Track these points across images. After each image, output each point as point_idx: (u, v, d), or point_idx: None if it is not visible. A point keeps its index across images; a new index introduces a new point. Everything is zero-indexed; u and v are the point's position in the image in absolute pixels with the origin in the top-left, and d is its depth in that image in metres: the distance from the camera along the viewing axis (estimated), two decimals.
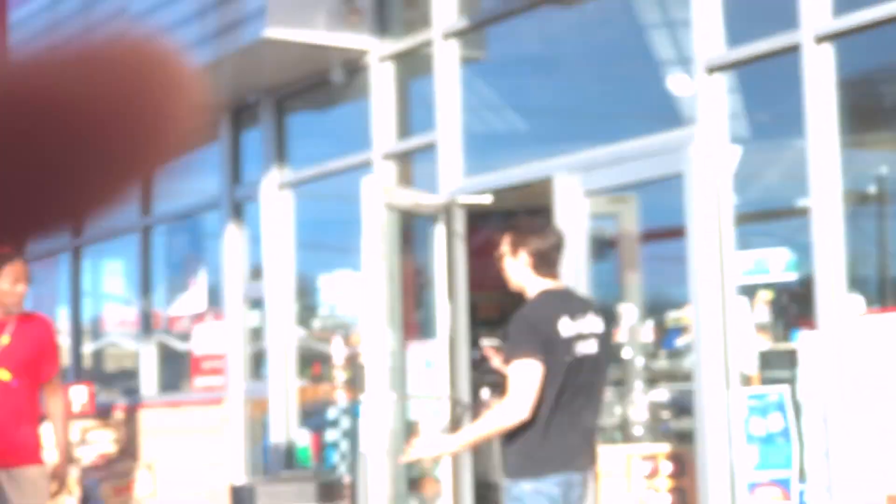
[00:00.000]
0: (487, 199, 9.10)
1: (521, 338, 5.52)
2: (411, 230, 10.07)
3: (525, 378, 5.44)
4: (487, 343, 6.19)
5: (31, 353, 7.20)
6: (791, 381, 7.16)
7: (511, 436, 5.53)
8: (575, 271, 8.29)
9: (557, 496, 5.49)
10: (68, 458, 7.52)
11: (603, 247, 8.83)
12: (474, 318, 10.90)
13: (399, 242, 9.59)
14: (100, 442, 12.39)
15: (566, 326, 5.57)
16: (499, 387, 5.72)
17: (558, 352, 5.52)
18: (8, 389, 7.08)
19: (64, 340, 13.79)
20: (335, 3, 9.84)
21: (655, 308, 9.13)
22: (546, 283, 5.70)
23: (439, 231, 9.16)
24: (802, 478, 7.03)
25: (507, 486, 5.58)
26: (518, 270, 5.71)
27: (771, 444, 7.14)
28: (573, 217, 8.34)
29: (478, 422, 5.78)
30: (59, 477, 7.31)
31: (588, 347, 5.64)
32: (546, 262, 5.69)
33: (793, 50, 7.15)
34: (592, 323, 5.67)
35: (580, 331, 5.61)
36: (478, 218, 9.72)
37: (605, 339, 5.79)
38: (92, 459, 11.90)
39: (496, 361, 6.00)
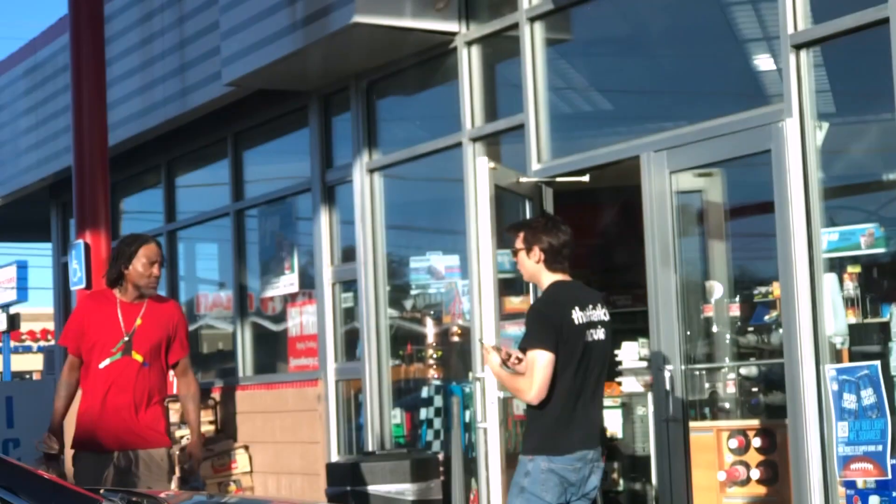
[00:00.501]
0: (585, 178, 9.16)
1: (535, 329, 6.15)
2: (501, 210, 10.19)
3: (539, 367, 6.08)
4: (486, 342, 6.59)
5: (162, 335, 7.27)
6: (882, 355, 7.19)
7: (532, 416, 6.21)
8: (663, 248, 8.36)
9: (569, 474, 6.17)
10: (202, 439, 7.59)
11: (691, 223, 8.88)
12: None
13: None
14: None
15: (578, 315, 6.20)
16: None
17: (572, 339, 6.15)
18: (141, 371, 7.17)
19: None
20: None
21: (744, 283, 9.17)
22: (557, 277, 6.34)
23: (532, 210, 9.24)
24: (895, 452, 7.05)
25: (520, 460, 6.21)
26: (531, 265, 6.37)
27: (863, 418, 7.17)
28: (660, 195, 8.40)
29: (512, 377, 6.29)
30: (195, 457, 7.39)
31: (597, 335, 6.28)
32: (557, 257, 6.34)
33: (879, 24, 7.15)
34: (600, 312, 6.35)
35: (591, 319, 6.25)
36: (564, 197, 9.79)
37: (609, 327, 6.40)
38: (188, 440, 12.13)
39: (493, 358, 6.41)
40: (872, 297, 7.54)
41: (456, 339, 10.51)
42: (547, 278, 6.36)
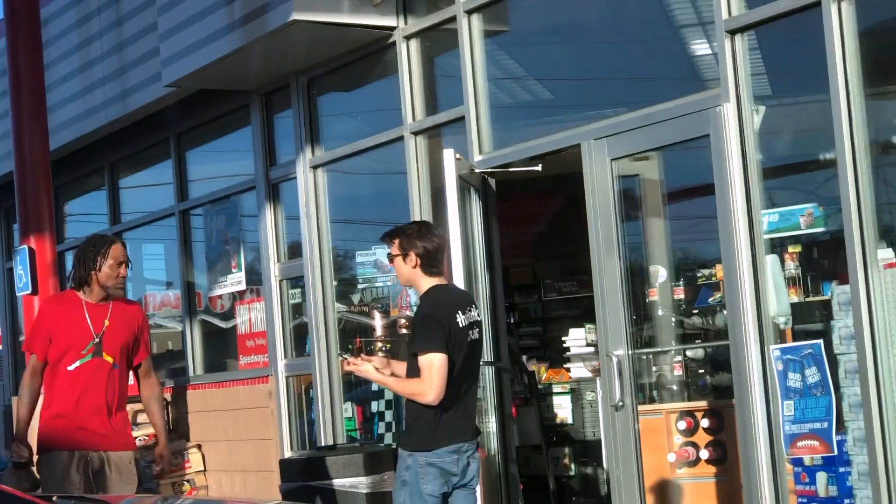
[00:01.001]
0: (538, 167, 9.23)
1: (427, 332, 6.40)
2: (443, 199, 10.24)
3: (437, 369, 6.33)
4: (344, 356, 6.73)
5: (129, 336, 7.25)
6: (825, 333, 7.29)
7: (416, 413, 6.45)
8: (607, 236, 8.44)
9: (449, 465, 6.46)
10: (167, 440, 7.57)
11: (633, 208, 8.96)
12: (507, 284, 11.09)
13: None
14: (149, 423, 12.60)
15: (461, 318, 6.50)
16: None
17: (458, 340, 6.44)
18: (112, 373, 7.14)
19: None
20: None
21: (687, 266, 9.26)
22: (434, 281, 6.59)
23: (479, 199, 9.28)
24: (841, 429, 7.16)
25: (401, 455, 6.50)
26: (408, 270, 6.61)
27: (808, 396, 7.28)
28: (602, 182, 8.48)
29: (403, 382, 6.55)
30: (165, 458, 7.37)
31: (474, 335, 6.59)
32: (432, 261, 6.59)
33: (812, 7, 7.24)
34: (474, 314, 6.65)
35: (471, 320, 6.56)
36: (507, 186, 9.86)
37: (482, 327, 6.73)
38: (142, 440, 12.12)
39: (367, 367, 6.61)
40: (813, 275, 7.65)
41: (404, 331, 10.55)
42: (425, 282, 6.61)
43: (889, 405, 6.89)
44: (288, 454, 11.39)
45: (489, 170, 9.32)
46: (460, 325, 6.51)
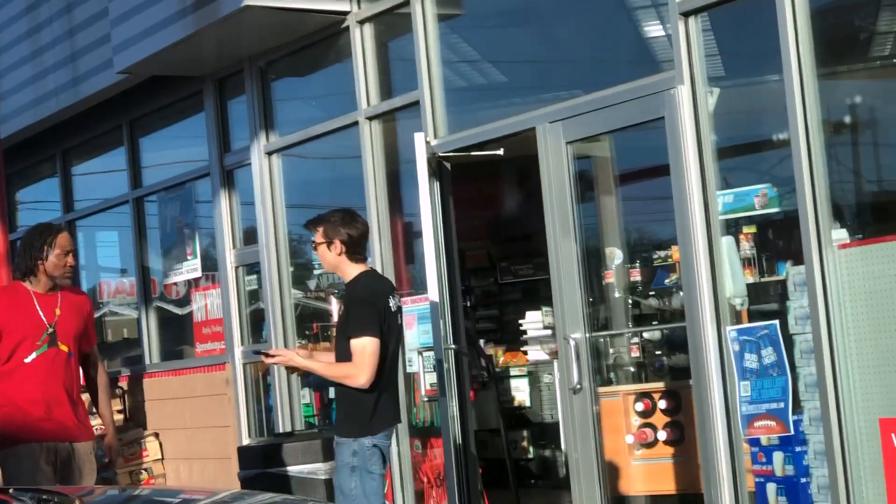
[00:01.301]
0: (500, 151, 9.23)
1: (362, 316, 6.53)
2: (398, 183, 10.23)
3: (370, 353, 6.49)
4: (262, 351, 6.83)
5: (80, 325, 7.16)
6: (780, 313, 7.33)
7: (351, 399, 6.58)
8: (563, 219, 8.45)
9: (386, 448, 6.65)
10: (115, 431, 7.49)
11: (588, 190, 8.97)
12: (463, 267, 11.09)
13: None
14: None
15: (391, 302, 6.69)
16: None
17: (389, 325, 6.61)
18: (68, 361, 7.05)
19: None
20: None
21: (643, 248, 9.28)
22: (360, 267, 6.74)
23: (430, 184, 9.27)
24: (797, 409, 7.20)
25: (343, 442, 6.60)
26: (333, 258, 6.74)
27: (764, 377, 7.31)
28: (557, 165, 8.48)
29: (332, 366, 6.70)
30: (113, 449, 7.30)
31: (400, 320, 6.79)
32: (357, 248, 6.74)
33: None
34: (398, 300, 6.83)
35: (397, 306, 6.75)
36: (458, 169, 9.85)
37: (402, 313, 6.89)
38: (98, 430, 12.06)
39: (295, 356, 6.76)
40: (769, 256, 7.67)
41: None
42: (352, 269, 6.74)
43: (844, 385, 6.93)
44: (246, 441, 11.37)
45: (450, 154, 9.30)
46: (392, 310, 6.69)
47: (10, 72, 13.59)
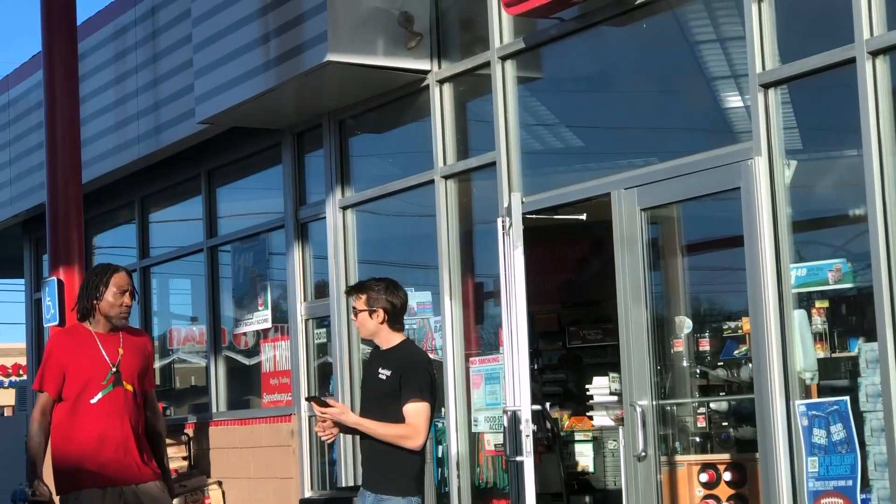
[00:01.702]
0: (583, 216, 9.24)
1: (421, 381, 6.76)
2: (471, 243, 10.26)
3: (425, 417, 6.72)
4: (313, 400, 6.85)
5: (142, 365, 7.12)
6: (851, 389, 7.26)
7: (402, 459, 6.72)
8: (634, 285, 8.44)
9: None
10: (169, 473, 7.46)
11: (660, 258, 8.95)
12: (532, 330, 11.06)
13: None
14: (171, 458, 12.60)
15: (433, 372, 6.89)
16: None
17: (436, 396, 6.90)
18: (133, 401, 7.02)
19: None
20: (394, 27, 10.03)
21: (713, 318, 9.23)
22: (401, 336, 6.93)
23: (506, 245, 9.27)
24: (865, 487, 7.12)
25: (389, 499, 6.70)
26: (374, 325, 6.87)
27: (833, 453, 7.24)
28: (630, 231, 8.48)
29: (387, 426, 6.75)
30: (168, 491, 7.29)
31: None
32: (398, 317, 6.91)
33: (847, 63, 7.25)
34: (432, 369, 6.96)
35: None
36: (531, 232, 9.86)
37: None
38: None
39: (348, 415, 6.84)
40: (840, 331, 7.62)
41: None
42: (393, 337, 6.90)
43: None
44: (308, 494, 11.38)
45: (534, 215, 9.27)
46: (435, 380, 6.91)
47: (94, 118, 13.80)
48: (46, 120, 11.57)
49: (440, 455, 10.08)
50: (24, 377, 20.33)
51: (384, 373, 6.84)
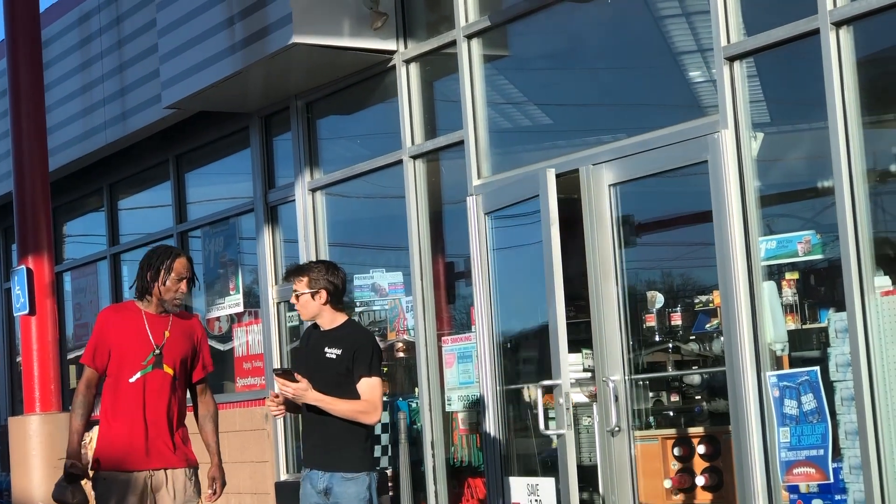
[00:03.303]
0: None
1: (374, 357, 6.92)
2: (441, 223, 10.26)
3: (380, 392, 6.88)
4: (283, 373, 6.84)
5: (189, 350, 7.03)
6: (821, 360, 7.30)
7: (357, 435, 6.85)
8: (605, 261, 8.45)
9: None
10: (220, 461, 7.42)
11: (630, 234, 8.97)
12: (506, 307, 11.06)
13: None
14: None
15: None
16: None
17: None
18: (173, 385, 6.92)
19: None
20: (360, 7, 10.01)
21: (685, 292, 9.26)
22: (343, 315, 7.06)
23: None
24: (837, 456, 7.16)
25: (356, 478, 6.80)
26: (316, 307, 6.99)
27: (804, 423, 7.28)
28: (600, 208, 8.49)
29: (345, 402, 6.84)
30: (218, 480, 7.18)
31: None
32: (340, 297, 7.07)
33: (810, 35, 7.27)
34: None
35: None
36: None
37: None
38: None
39: (309, 392, 6.87)
40: (811, 302, 7.65)
41: (401, 354, 10.57)
42: (336, 317, 7.03)
43: (885, 433, 6.89)
44: (284, 477, 11.38)
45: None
46: None
47: (60, 105, 13.73)
48: (11, 108, 11.49)
49: (414, 435, 10.08)
50: None
51: (333, 352, 6.88)
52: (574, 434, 11.62)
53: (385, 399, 10.46)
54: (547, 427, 8.62)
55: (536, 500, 8.72)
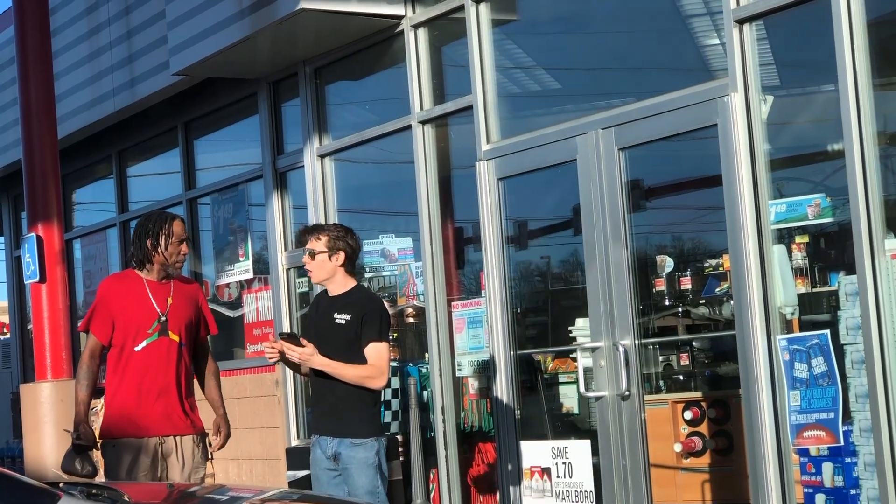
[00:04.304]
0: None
1: (382, 322, 6.91)
2: (450, 188, 10.25)
3: (387, 357, 6.88)
4: (288, 338, 6.82)
5: (192, 315, 7.08)
6: (832, 323, 7.29)
7: (365, 400, 6.85)
8: (614, 225, 8.44)
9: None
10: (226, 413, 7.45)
11: (639, 198, 8.96)
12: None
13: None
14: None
15: None
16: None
17: None
18: (180, 352, 6.97)
19: None
20: None
21: (695, 256, 9.26)
22: (353, 280, 7.02)
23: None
24: (847, 419, 7.16)
25: (364, 443, 6.80)
26: (332, 268, 6.95)
27: (814, 386, 7.28)
28: (609, 172, 8.47)
29: (352, 367, 6.84)
30: (223, 427, 7.20)
31: None
32: (354, 262, 7.07)
33: None
34: None
35: None
36: None
37: None
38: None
39: (316, 356, 6.85)
40: (821, 266, 7.65)
41: (411, 320, 10.58)
42: (348, 281, 7.00)
43: (895, 395, 6.88)
44: (294, 443, 11.42)
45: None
46: None
47: (68, 73, 13.72)
48: (20, 76, 11.48)
49: (425, 400, 10.10)
50: (8, 336, 20.35)
51: (342, 318, 6.87)
52: (584, 402, 11.68)
53: (395, 364, 10.49)
54: (588, 389, 8.56)
55: (565, 463, 8.70)
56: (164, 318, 6.91)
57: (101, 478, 6.98)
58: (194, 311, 7.11)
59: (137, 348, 6.88)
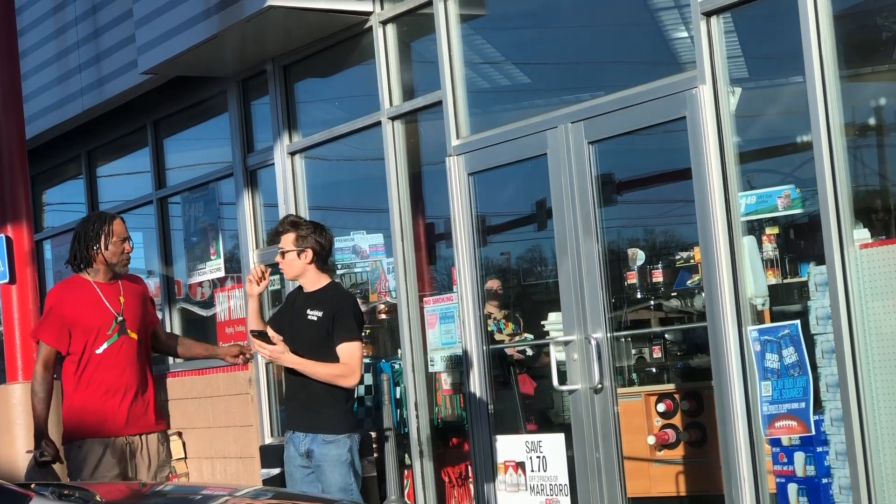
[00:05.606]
0: None
1: (353, 322, 6.91)
2: (421, 184, 10.25)
3: (359, 356, 6.91)
4: (259, 336, 6.84)
5: (143, 310, 7.10)
6: (802, 314, 7.32)
7: (337, 398, 6.89)
8: (585, 219, 8.45)
9: None
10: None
11: (610, 192, 8.98)
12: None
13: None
14: None
15: None
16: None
17: None
18: (138, 350, 7.00)
19: None
20: None
21: (666, 249, 9.28)
22: (326, 277, 7.07)
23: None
24: (818, 409, 7.19)
25: (337, 440, 6.82)
26: (301, 266, 7.01)
27: (785, 376, 7.31)
28: (579, 165, 8.49)
29: (323, 365, 6.86)
30: (244, 351, 7.46)
31: None
32: (325, 258, 7.10)
33: None
34: None
35: None
36: None
37: None
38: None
39: (286, 354, 6.90)
40: (791, 257, 7.68)
41: (383, 316, 10.57)
42: (320, 278, 7.05)
43: (866, 385, 6.92)
44: (268, 440, 11.40)
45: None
46: None
47: (36, 73, 13.66)
48: None
49: (398, 396, 10.10)
50: None
51: (314, 314, 6.89)
52: (558, 395, 11.70)
53: (368, 361, 10.49)
54: (562, 383, 8.56)
55: (539, 457, 8.71)
56: (121, 318, 6.92)
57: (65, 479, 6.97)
58: (144, 307, 7.13)
59: (98, 351, 6.88)
